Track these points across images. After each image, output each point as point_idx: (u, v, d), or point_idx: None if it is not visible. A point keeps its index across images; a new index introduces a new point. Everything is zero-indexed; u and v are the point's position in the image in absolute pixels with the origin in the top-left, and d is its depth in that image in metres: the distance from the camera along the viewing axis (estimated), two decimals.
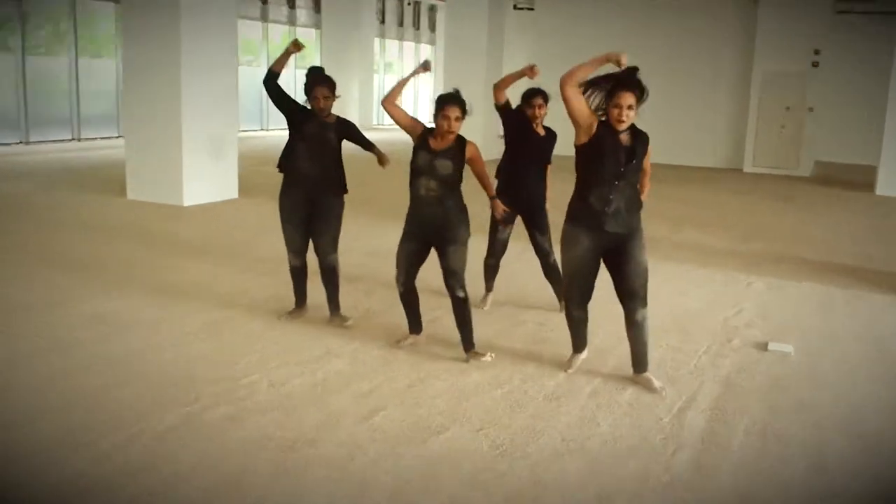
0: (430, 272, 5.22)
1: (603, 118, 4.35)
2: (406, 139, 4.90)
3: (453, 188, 4.76)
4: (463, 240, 4.78)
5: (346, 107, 23.14)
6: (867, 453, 3.97)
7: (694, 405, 4.42)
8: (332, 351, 5.01)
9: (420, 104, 28.50)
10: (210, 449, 3.66)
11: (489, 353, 4.92)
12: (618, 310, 4.67)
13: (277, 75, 5.65)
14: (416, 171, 4.76)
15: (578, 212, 4.48)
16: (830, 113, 17.25)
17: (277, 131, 20.99)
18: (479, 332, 5.07)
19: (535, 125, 5.75)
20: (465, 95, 4.71)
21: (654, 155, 4.59)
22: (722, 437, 4.05)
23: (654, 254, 3.53)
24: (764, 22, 16.27)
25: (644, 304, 4.53)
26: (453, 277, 4.83)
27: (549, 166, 5.95)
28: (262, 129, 21.37)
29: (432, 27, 27.88)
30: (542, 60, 19.30)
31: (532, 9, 19.05)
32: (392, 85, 4.98)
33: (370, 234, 8.21)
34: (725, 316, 6.10)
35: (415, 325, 5.15)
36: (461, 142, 4.76)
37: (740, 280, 7.27)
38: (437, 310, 5.65)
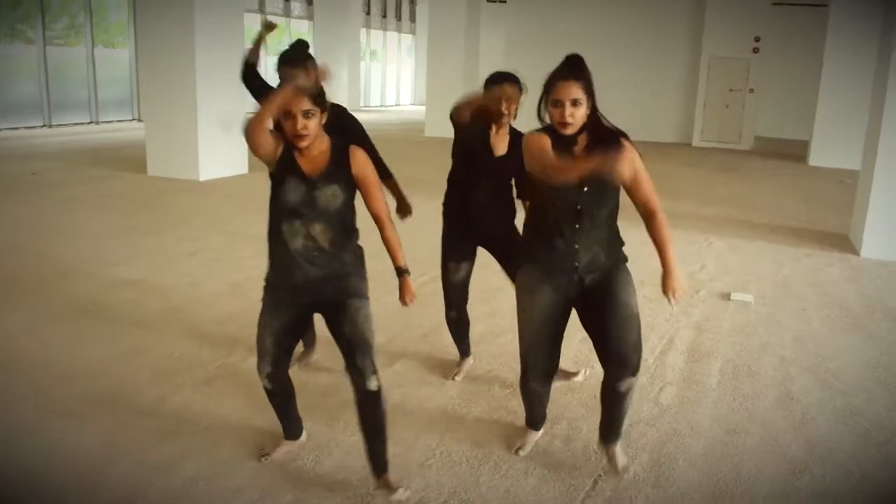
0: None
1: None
2: (395, 116, 4.72)
3: (349, 232, 2.85)
4: (366, 293, 2.88)
5: (336, 91, 22.99)
6: (826, 384, 4.05)
7: (673, 348, 4.48)
8: None
9: (402, 90, 28.27)
10: (251, 395, 3.64)
11: (403, 489, 2.80)
12: None
13: (254, 66, 4.18)
14: (283, 212, 2.78)
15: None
16: (769, 93, 17.39)
17: None
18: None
19: (496, 128, 3.53)
20: (445, 84, 4.37)
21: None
22: (700, 375, 4.10)
23: (629, 220, 3.39)
24: (711, 12, 16.25)
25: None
26: (362, 355, 2.74)
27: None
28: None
29: (413, 18, 27.56)
30: (514, 52, 19.28)
31: (504, 1, 18.87)
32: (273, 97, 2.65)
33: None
34: (691, 271, 6.16)
35: (292, 429, 3.12)
36: (341, 150, 2.78)
37: (701, 240, 7.33)
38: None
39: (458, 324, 3.87)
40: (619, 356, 2.81)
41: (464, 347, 3.98)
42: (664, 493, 2.94)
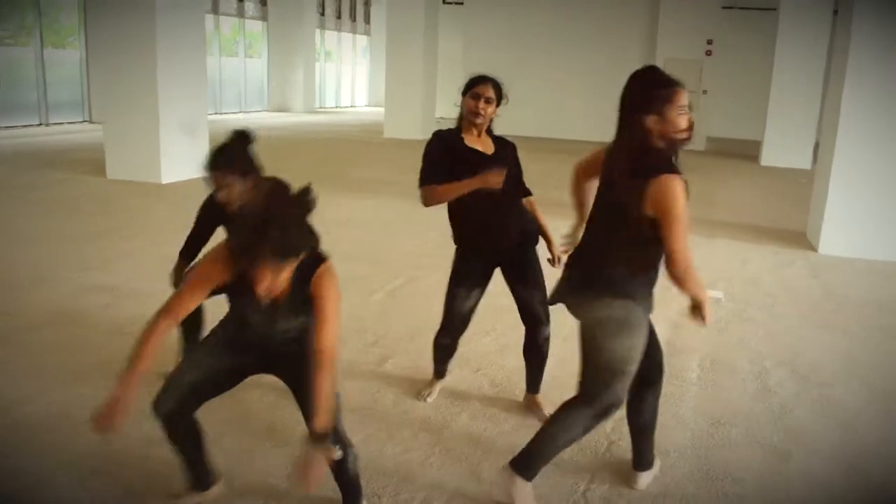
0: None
1: None
2: (352, 118, 4.68)
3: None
4: None
5: (291, 93, 22.82)
6: (802, 376, 4.22)
7: None
8: None
9: (357, 92, 28.20)
10: (239, 406, 3.63)
11: None
12: None
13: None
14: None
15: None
16: (721, 95, 17.82)
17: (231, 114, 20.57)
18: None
19: (477, 132, 3.34)
20: (404, 85, 4.16)
21: (577, 131, 3.88)
22: (680, 369, 4.23)
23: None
24: (664, 15, 16.64)
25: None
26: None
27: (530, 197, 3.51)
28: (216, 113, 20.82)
29: (367, 19, 27.52)
30: (472, 53, 19.36)
31: (461, 3, 18.99)
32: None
33: (336, 206, 8.20)
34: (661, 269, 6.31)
35: (201, 479, 2.72)
36: (306, 271, 2.36)
37: None
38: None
39: (446, 350, 3.66)
40: None
41: (442, 369, 3.76)
42: (660, 483, 3.04)
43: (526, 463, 2.71)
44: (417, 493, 2.88)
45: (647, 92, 2.56)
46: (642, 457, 3.01)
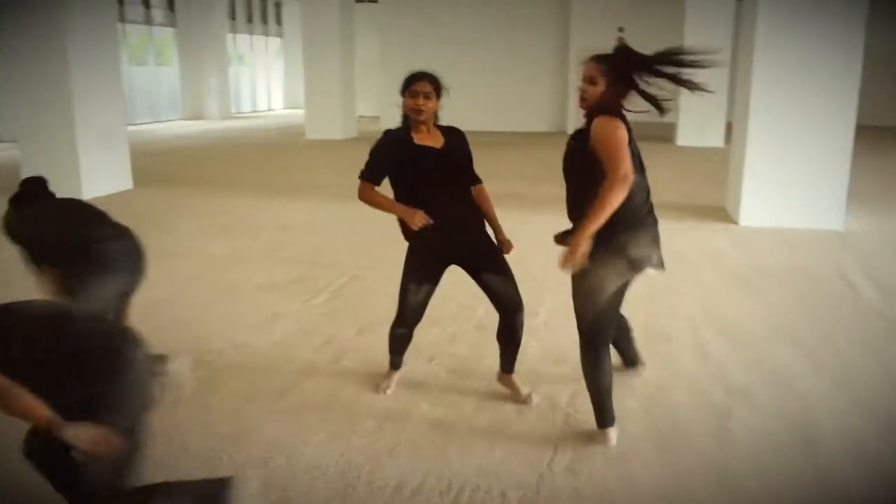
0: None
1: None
2: (271, 122, 4.70)
3: None
4: None
5: (206, 100, 22.39)
6: (734, 340, 4.50)
7: None
8: (280, 313, 5.04)
9: (273, 95, 27.85)
10: (204, 412, 3.67)
11: None
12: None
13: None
14: None
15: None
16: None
17: (168, 122, 20.06)
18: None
19: (426, 129, 3.42)
20: (323, 86, 4.12)
21: (499, 123, 4.16)
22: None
23: (522, 208, 3.47)
24: (576, 4, 17.09)
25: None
26: None
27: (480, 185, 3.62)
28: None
29: (279, 21, 27.19)
30: (389, 51, 19.36)
31: (375, 1, 19.01)
32: None
33: (273, 211, 8.19)
34: None
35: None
36: None
37: None
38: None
39: (403, 340, 3.74)
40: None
41: (398, 360, 3.84)
42: (618, 447, 3.23)
43: (600, 417, 3.25)
44: (390, 480, 2.99)
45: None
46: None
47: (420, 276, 3.51)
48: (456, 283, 3.78)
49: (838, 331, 4.69)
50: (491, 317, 3.77)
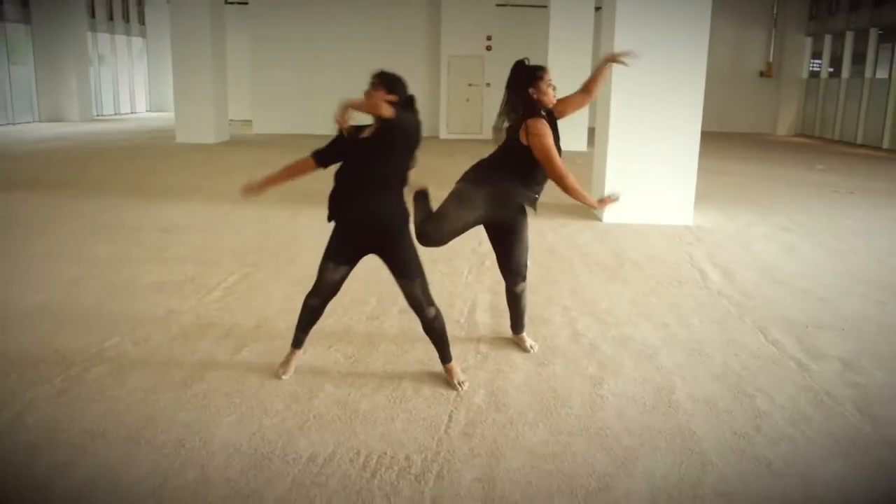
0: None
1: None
2: (136, 125, 4.75)
3: None
4: None
5: (65, 101, 21.35)
6: (602, 321, 5.02)
7: (478, 308, 5.23)
8: (175, 310, 5.13)
9: (137, 97, 26.86)
10: (110, 403, 3.76)
11: None
12: None
13: None
14: None
15: None
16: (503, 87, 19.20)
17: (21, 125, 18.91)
18: None
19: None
20: (193, 87, 4.23)
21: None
22: (505, 327, 4.77)
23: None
24: (446, 13, 17.68)
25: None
26: None
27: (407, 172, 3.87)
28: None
29: (142, 20, 26.28)
30: (261, 52, 19.15)
31: (246, 3, 18.84)
32: None
33: (153, 213, 8.11)
34: (472, 246, 6.98)
35: None
36: None
37: None
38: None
39: (313, 312, 3.96)
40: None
41: (302, 338, 4.03)
42: (505, 415, 3.62)
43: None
44: (303, 452, 3.23)
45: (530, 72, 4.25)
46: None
47: (336, 256, 3.81)
48: (351, 278, 4.03)
49: (690, 310, 5.34)
50: (381, 307, 4.07)
